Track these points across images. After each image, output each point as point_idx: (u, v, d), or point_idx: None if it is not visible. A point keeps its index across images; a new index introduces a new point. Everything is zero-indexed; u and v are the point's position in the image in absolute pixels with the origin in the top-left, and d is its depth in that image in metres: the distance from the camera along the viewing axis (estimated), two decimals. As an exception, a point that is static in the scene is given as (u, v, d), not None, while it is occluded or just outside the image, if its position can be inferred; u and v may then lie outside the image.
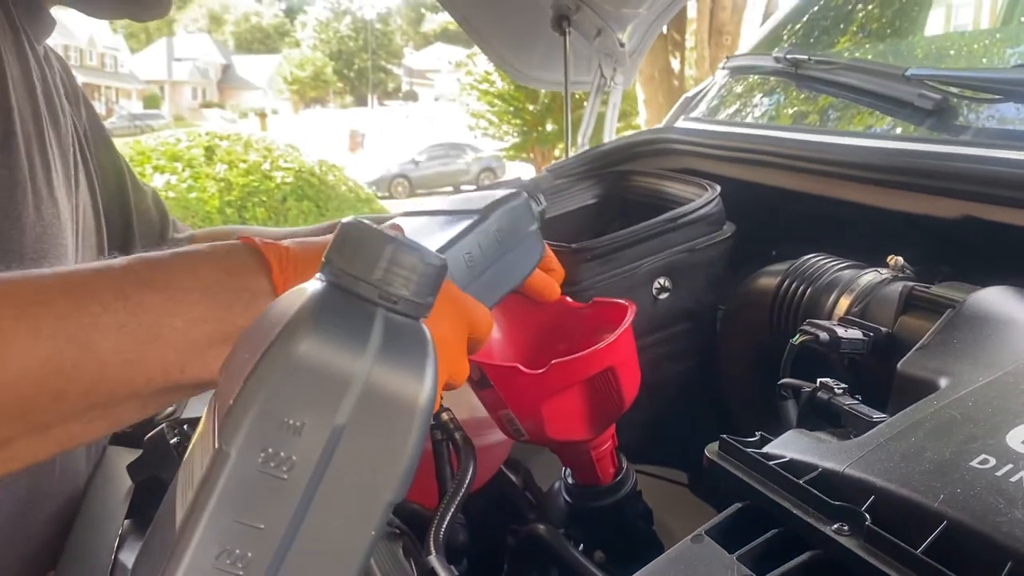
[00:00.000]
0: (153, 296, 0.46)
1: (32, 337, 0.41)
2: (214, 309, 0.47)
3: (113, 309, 0.44)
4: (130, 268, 0.47)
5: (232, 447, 0.31)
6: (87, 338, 0.43)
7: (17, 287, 0.43)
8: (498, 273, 0.61)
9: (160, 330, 0.45)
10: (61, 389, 0.42)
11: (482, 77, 15.57)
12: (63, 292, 0.44)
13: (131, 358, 0.44)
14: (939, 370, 0.60)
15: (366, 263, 0.33)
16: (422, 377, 0.33)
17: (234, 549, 0.31)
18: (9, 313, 0.41)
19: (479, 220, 0.61)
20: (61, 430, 0.44)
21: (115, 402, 0.45)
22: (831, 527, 0.49)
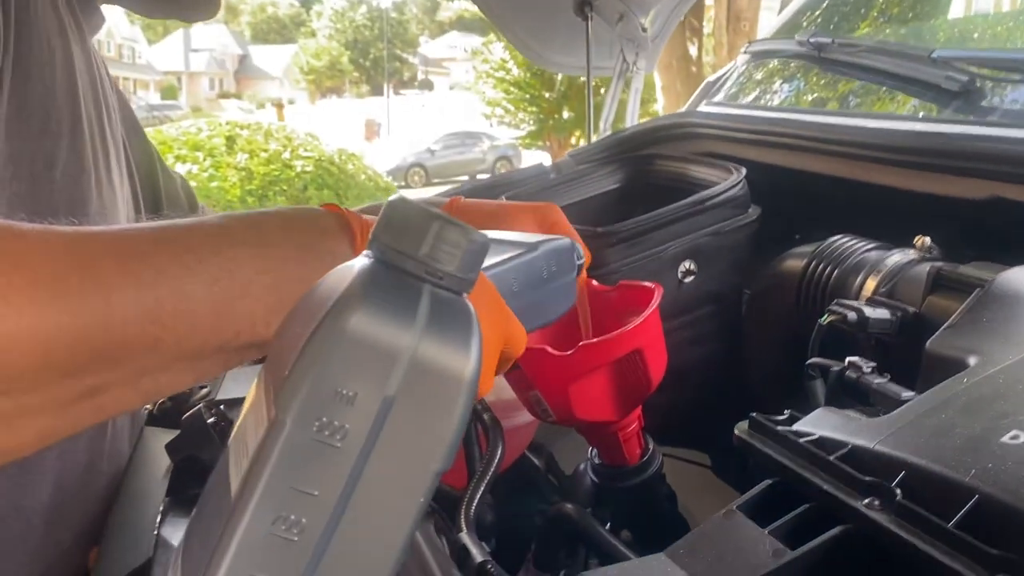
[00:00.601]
0: (245, 253, 0.47)
1: (134, 288, 0.42)
2: (301, 268, 0.48)
3: (208, 263, 0.45)
4: (223, 225, 0.48)
5: (288, 416, 0.32)
6: (183, 290, 0.44)
7: (118, 238, 0.44)
8: (534, 307, 0.63)
9: (250, 286, 0.46)
10: (157, 338, 0.43)
11: (498, 65, 15.54)
12: (161, 245, 0.45)
13: (222, 311, 0.45)
14: (968, 349, 0.61)
15: (413, 240, 0.34)
16: (468, 350, 0.34)
17: (289, 515, 0.33)
18: (113, 262, 0.42)
19: (528, 251, 0.63)
20: (150, 380, 0.45)
21: (203, 354, 0.46)
22: (862, 502, 0.49)
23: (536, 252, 0.64)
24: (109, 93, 0.80)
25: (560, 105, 14.92)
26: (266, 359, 0.39)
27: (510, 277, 0.62)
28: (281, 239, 0.49)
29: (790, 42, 1.21)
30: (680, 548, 0.52)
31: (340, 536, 0.33)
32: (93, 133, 0.71)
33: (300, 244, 0.49)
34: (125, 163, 0.84)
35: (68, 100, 0.68)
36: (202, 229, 0.47)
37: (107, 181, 0.73)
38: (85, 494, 0.71)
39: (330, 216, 0.52)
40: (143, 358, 0.43)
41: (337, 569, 0.33)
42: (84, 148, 0.69)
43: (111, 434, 0.75)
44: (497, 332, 0.55)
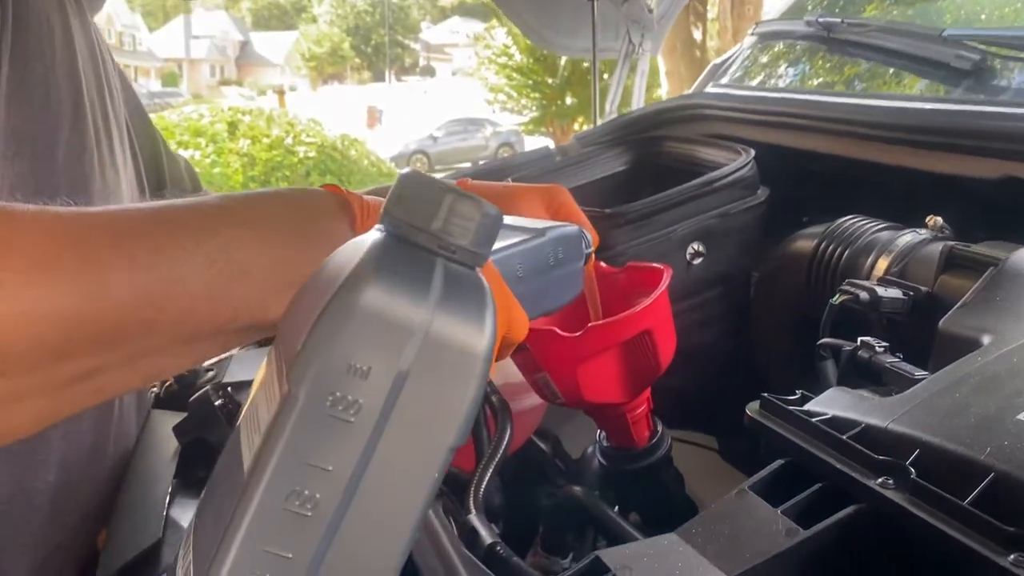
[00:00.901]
0: (243, 234, 0.46)
1: (129, 268, 0.42)
2: (300, 250, 0.48)
3: (205, 245, 0.44)
4: (221, 205, 0.48)
5: (301, 390, 0.32)
6: (179, 271, 0.43)
7: (114, 218, 0.44)
8: (538, 293, 0.62)
9: (248, 268, 0.46)
10: (152, 320, 0.43)
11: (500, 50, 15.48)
12: (157, 225, 0.44)
13: (219, 294, 0.45)
14: (982, 328, 0.60)
15: (425, 213, 0.34)
16: (483, 324, 0.34)
17: (303, 490, 0.32)
18: (107, 243, 0.42)
19: (534, 237, 0.62)
20: (147, 362, 0.45)
21: (200, 337, 0.46)
22: (876, 481, 0.49)
23: (543, 238, 0.63)
24: (111, 73, 0.80)
25: (563, 91, 14.87)
26: (277, 335, 0.39)
27: (515, 262, 0.61)
28: (280, 220, 0.48)
29: (798, 23, 1.20)
30: (692, 527, 0.52)
31: (354, 511, 0.33)
32: (95, 112, 0.71)
33: (299, 225, 0.49)
34: (128, 144, 0.83)
35: (69, 79, 0.68)
36: (200, 210, 0.47)
37: (110, 161, 0.72)
38: (91, 476, 0.71)
39: (330, 197, 0.51)
40: (140, 340, 0.43)
41: (351, 544, 0.33)
42: (86, 127, 0.68)
43: (117, 416, 0.74)
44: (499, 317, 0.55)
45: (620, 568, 0.47)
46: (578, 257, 0.67)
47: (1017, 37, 0.88)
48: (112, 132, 0.75)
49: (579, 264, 0.67)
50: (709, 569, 0.48)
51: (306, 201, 0.51)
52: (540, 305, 0.65)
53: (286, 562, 0.32)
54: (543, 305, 0.65)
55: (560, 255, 0.65)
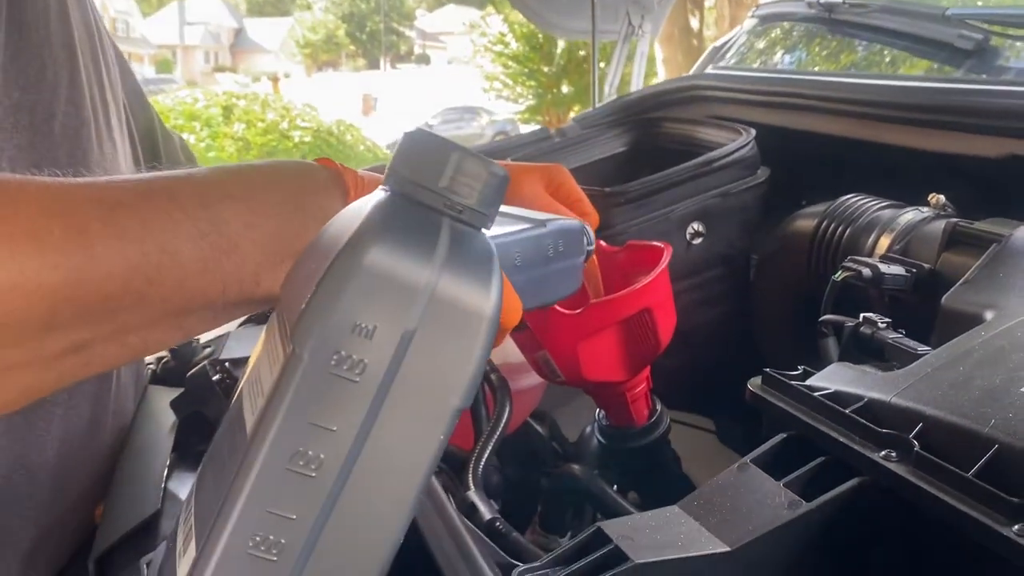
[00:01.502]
0: (235, 207, 0.46)
1: (119, 239, 0.41)
2: (292, 224, 0.47)
3: (196, 217, 0.44)
4: (213, 177, 0.47)
5: (305, 349, 0.31)
6: (169, 244, 0.43)
7: (104, 189, 0.43)
8: (535, 284, 0.62)
9: (239, 241, 0.45)
10: (143, 293, 0.42)
11: (496, 39, 15.41)
12: (147, 197, 0.44)
13: (210, 267, 0.44)
14: (985, 303, 0.60)
15: (432, 171, 0.33)
16: (489, 285, 0.33)
17: (307, 451, 0.32)
18: (96, 214, 0.41)
19: (535, 227, 0.62)
20: (137, 336, 0.44)
21: (190, 311, 0.45)
22: (879, 454, 0.49)
23: (544, 229, 0.62)
24: (108, 47, 0.79)
25: (559, 79, 14.81)
26: (279, 299, 0.38)
27: (514, 250, 0.61)
28: (272, 193, 0.48)
29: (799, 3, 1.20)
30: (694, 500, 0.52)
31: (359, 473, 0.32)
32: (91, 85, 0.70)
33: (291, 198, 0.48)
34: (125, 119, 0.82)
35: (65, 50, 0.67)
36: (190, 181, 0.46)
37: (107, 135, 0.72)
38: (90, 450, 0.70)
39: (323, 170, 0.51)
40: (128, 313, 0.42)
41: (355, 506, 0.33)
42: (83, 100, 0.68)
43: (115, 392, 0.74)
44: None
45: (621, 538, 0.47)
46: (579, 252, 0.66)
47: (1020, 16, 0.87)
48: (108, 105, 0.74)
49: (579, 259, 0.67)
50: (711, 540, 0.47)
51: (299, 174, 0.50)
52: (536, 297, 0.64)
53: (289, 523, 0.32)
54: (539, 297, 0.65)
55: (560, 248, 0.64)
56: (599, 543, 0.48)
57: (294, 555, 0.32)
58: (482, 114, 19.50)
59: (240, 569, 0.32)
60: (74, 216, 0.40)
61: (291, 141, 7.79)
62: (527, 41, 14.38)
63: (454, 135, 18.87)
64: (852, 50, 1.19)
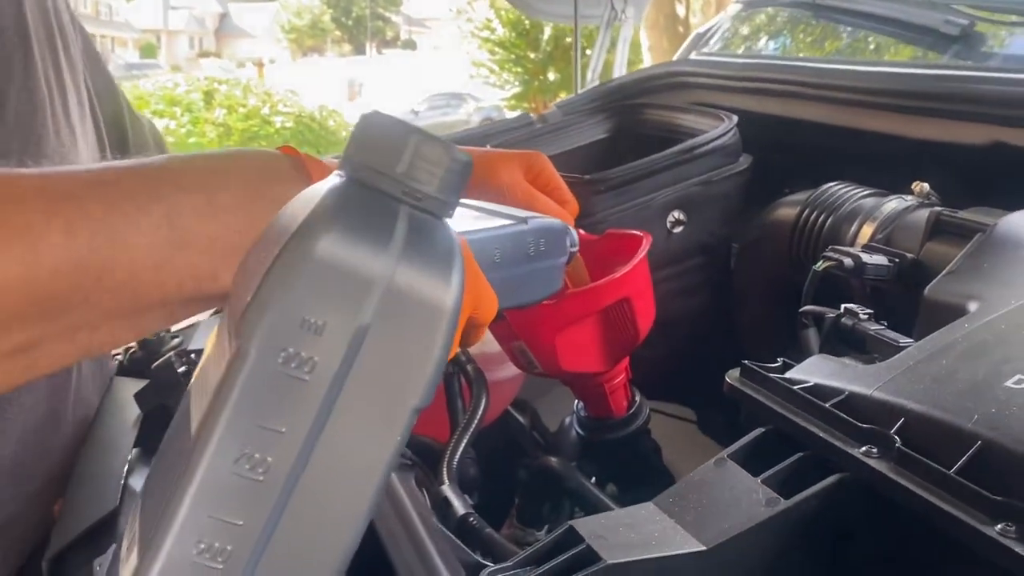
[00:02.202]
0: (189, 200, 0.43)
1: (64, 235, 0.39)
2: (250, 217, 0.45)
3: (147, 211, 0.42)
4: (166, 168, 0.45)
5: (251, 346, 0.29)
6: (120, 239, 0.41)
7: (48, 182, 0.41)
8: (514, 283, 0.60)
9: (194, 236, 0.43)
10: (91, 290, 0.40)
11: (483, 24, 15.34)
12: (96, 189, 0.42)
13: (163, 263, 0.42)
14: (968, 294, 0.59)
15: (389, 156, 0.31)
16: (449, 276, 0.31)
17: (253, 453, 0.30)
18: (41, 207, 0.39)
19: (516, 224, 0.60)
20: (87, 335, 0.42)
21: (144, 308, 0.43)
22: (859, 450, 0.47)
23: (525, 226, 0.61)
24: (66, 26, 0.76)
25: (545, 66, 14.78)
26: (229, 293, 0.36)
27: (493, 246, 0.59)
28: (229, 185, 0.46)
29: (784, -12, 1.18)
30: (669, 497, 0.50)
31: (309, 477, 0.31)
32: (47, 70, 0.68)
33: (250, 190, 0.46)
34: (88, 103, 0.80)
35: (17, 35, 0.64)
36: (143, 173, 0.44)
37: (65, 120, 0.69)
38: (49, 445, 0.68)
39: (285, 160, 0.48)
40: (77, 312, 0.40)
41: (306, 512, 0.31)
42: (37, 85, 0.65)
43: (75, 384, 0.72)
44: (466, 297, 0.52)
45: (594, 538, 0.45)
46: (560, 253, 0.65)
47: (1006, 1, 0.86)
48: (67, 90, 0.72)
49: (561, 260, 0.65)
50: (686, 539, 0.46)
51: (258, 164, 0.48)
52: (514, 296, 0.62)
53: (236, 529, 0.30)
54: (517, 296, 0.63)
55: (541, 247, 0.63)
56: (571, 542, 0.47)
57: (241, 563, 0.31)
58: (468, 100, 19.43)
59: (184, 578, 0.30)
60: (17, 209, 0.38)
61: (272, 126, 7.73)
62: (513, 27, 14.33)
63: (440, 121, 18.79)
64: (837, 37, 1.18)
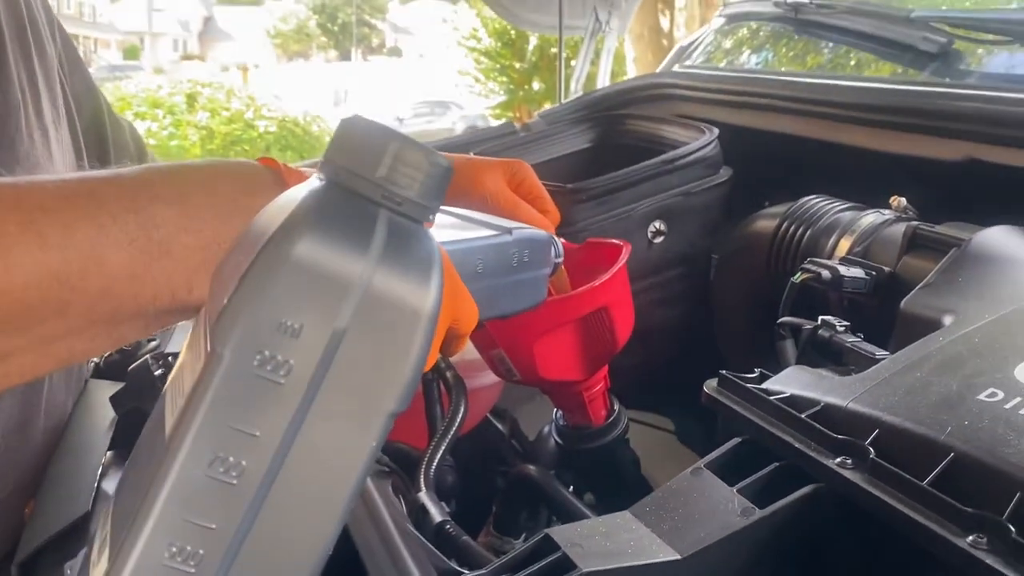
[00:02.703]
0: (165, 211, 0.43)
1: (38, 246, 0.39)
2: (227, 228, 0.44)
3: (123, 221, 0.41)
4: (143, 179, 0.44)
5: (226, 348, 0.29)
6: (94, 250, 0.40)
7: (22, 192, 0.40)
8: (497, 293, 0.60)
9: (171, 247, 0.43)
10: (66, 302, 0.40)
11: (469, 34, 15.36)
12: (70, 200, 0.41)
13: (139, 273, 0.42)
14: (943, 308, 0.59)
15: (368, 160, 0.31)
16: (427, 282, 0.31)
17: (227, 456, 0.30)
18: (14, 219, 0.39)
19: (502, 234, 0.60)
20: (63, 345, 0.42)
21: (120, 319, 0.43)
22: (834, 461, 0.48)
23: (509, 237, 0.61)
24: (42, 31, 0.75)
25: (531, 76, 14.80)
26: (207, 295, 0.36)
27: (475, 257, 0.59)
28: (206, 195, 0.45)
29: (766, 3, 1.19)
30: (646, 506, 0.50)
31: (283, 481, 0.30)
32: (19, 71, 0.67)
33: (228, 201, 0.45)
34: (64, 104, 0.79)
35: None
36: (118, 183, 0.44)
37: (37, 123, 0.68)
38: (21, 450, 0.67)
39: (264, 171, 0.48)
40: (52, 323, 0.40)
41: (279, 516, 0.31)
42: (10, 86, 0.65)
43: (47, 391, 0.71)
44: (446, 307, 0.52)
45: (570, 545, 0.45)
46: (545, 264, 0.65)
47: (984, 19, 0.88)
48: (40, 92, 0.71)
49: (545, 271, 0.65)
50: (662, 547, 0.46)
51: (237, 175, 0.47)
52: (496, 306, 0.62)
53: (208, 532, 0.30)
54: (499, 307, 0.63)
55: (525, 258, 0.63)
56: (547, 550, 0.47)
57: (213, 567, 0.30)
58: (453, 108, 19.42)
59: (155, 582, 0.30)
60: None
61: (256, 131, 7.69)
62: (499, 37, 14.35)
63: (425, 129, 18.78)
64: (818, 52, 1.19)
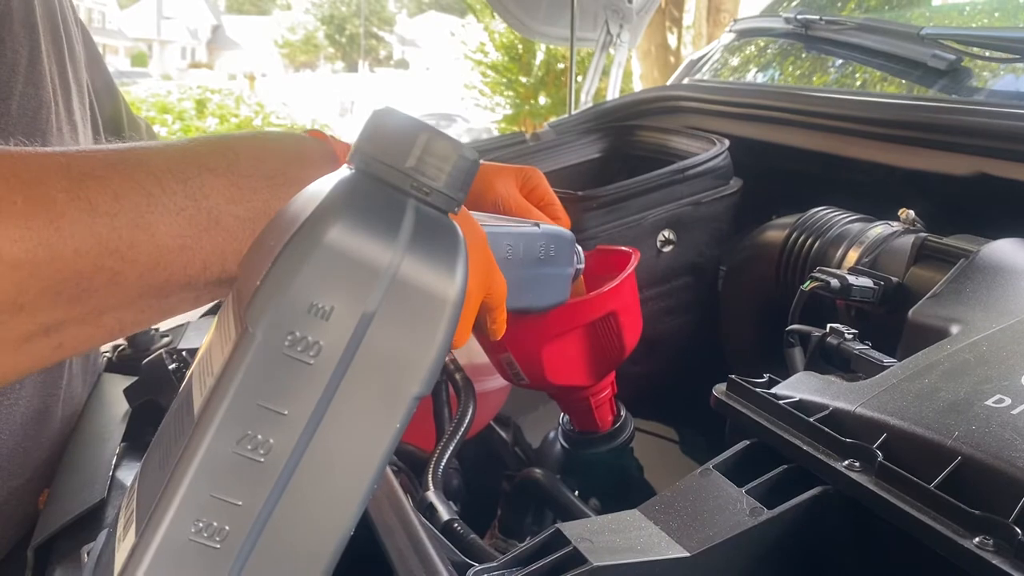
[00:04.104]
0: (214, 181, 0.43)
1: (88, 214, 0.39)
2: (276, 199, 0.45)
3: (172, 191, 0.42)
4: (191, 149, 0.45)
5: (258, 328, 0.30)
6: (143, 219, 0.40)
7: (72, 161, 0.41)
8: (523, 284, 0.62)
9: (220, 217, 0.43)
10: (117, 272, 0.40)
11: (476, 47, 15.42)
12: (118, 169, 0.41)
13: (188, 244, 0.42)
14: (951, 318, 0.60)
15: (399, 151, 0.32)
16: (453, 270, 0.32)
17: (256, 434, 0.30)
18: (63, 186, 0.39)
19: (532, 227, 0.63)
20: (113, 317, 0.42)
21: (170, 291, 0.43)
22: (842, 463, 0.48)
23: (537, 229, 0.63)
24: (72, 28, 0.77)
25: (536, 90, 14.85)
26: (237, 276, 0.37)
27: (505, 241, 0.61)
28: (255, 166, 0.45)
29: (776, 19, 1.20)
30: (655, 504, 0.51)
31: (309, 460, 0.31)
32: (52, 66, 0.68)
33: (277, 172, 0.46)
34: (88, 103, 0.80)
35: (24, 28, 0.65)
36: (167, 153, 0.44)
37: (67, 117, 0.70)
38: (38, 439, 0.68)
39: (312, 143, 0.49)
40: (103, 293, 0.40)
41: (304, 495, 0.31)
42: (43, 80, 0.66)
43: (66, 380, 0.72)
44: (480, 279, 0.53)
45: (580, 540, 0.46)
46: (568, 262, 0.66)
47: (994, 38, 0.88)
48: (71, 88, 0.72)
49: (568, 270, 0.67)
50: (671, 545, 0.47)
51: (285, 147, 0.48)
52: (522, 298, 0.64)
53: (234, 509, 0.31)
54: (525, 298, 0.64)
55: (552, 252, 0.64)
56: (557, 544, 0.47)
57: (238, 543, 0.31)
58: (458, 121, 19.47)
59: (181, 556, 0.31)
60: (39, 186, 0.38)
61: (264, 139, 7.73)
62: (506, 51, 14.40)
63: (430, 142, 18.75)
64: (824, 72, 1.20)
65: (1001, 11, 1.30)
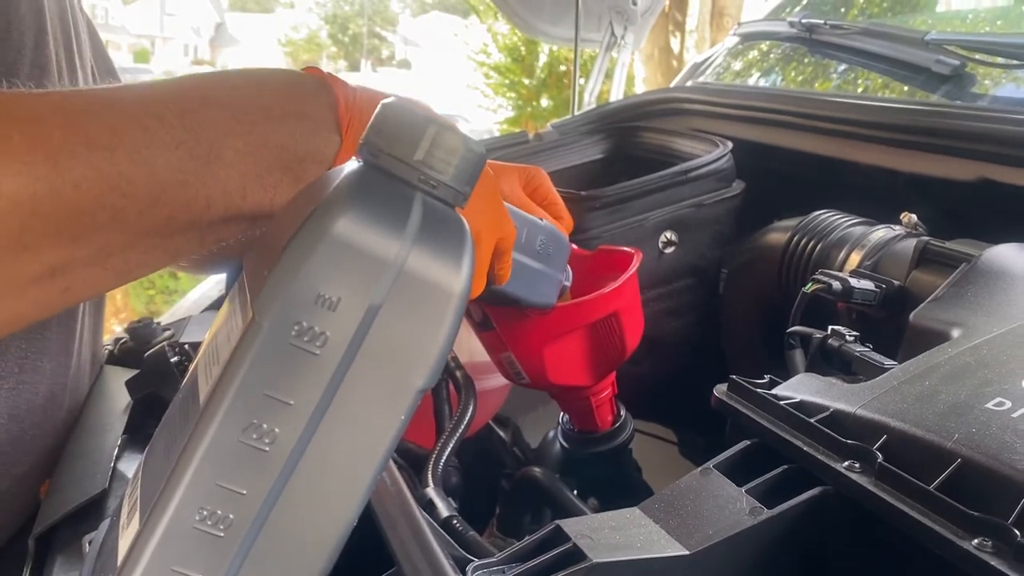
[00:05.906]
0: (213, 114, 0.43)
1: (86, 148, 0.38)
2: (276, 133, 0.44)
3: (169, 125, 0.41)
4: (190, 83, 0.45)
5: (265, 318, 0.30)
6: (142, 153, 0.40)
7: (67, 99, 0.40)
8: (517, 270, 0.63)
9: (221, 150, 0.42)
10: (119, 208, 0.39)
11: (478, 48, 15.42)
12: (115, 105, 0.41)
13: (190, 179, 0.41)
14: (952, 321, 0.60)
15: (407, 144, 0.32)
16: (459, 264, 0.32)
17: (261, 423, 0.31)
18: (59, 123, 0.38)
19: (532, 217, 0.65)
20: (119, 258, 0.42)
21: (174, 229, 0.43)
22: (842, 464, 0.48)
23: (539, 223, 0.64)
24: (79, 18, 0.77)
25: (539, 92, 14.85)
26: (244, 265, 0.37)
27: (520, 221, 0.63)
28: (253, 99, 0.45)
29: (780, 23, 1.20)
30: (655, 503, 0.51)
31: (314, 450, 0.31)
32: (58, 49, 0.68)
33: (277, 105, 0.45)
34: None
35: (32, 11, 0.65)
36: (164, 88, 0.44)
37: None
38: (43, 427, 0.68)
39: (309, 79, 0.48)
40: (105, 231, 0.40)
41: (309, 484, 0.32)
42: (49, 64, 0.66)
43: (75, 368, 0.72)
44: (493, 220, 0.54)
45: (580, 537, 0.46)
46: (560, 267, 0.68)
47: (998, 44, 0.89)
48: (76, 73, 0.72)
49: (559, 276, 0.68)
50: (670, 543, 0.47)
51: (285, 81, 0.48)
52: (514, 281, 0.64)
53: (239, 498, 0.31)
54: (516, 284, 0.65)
55: (549, 251, 0.65)
56: (557, 541, 0.47)
57: (242, 532, 0.31)
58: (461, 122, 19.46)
59: (185, 544, 0.31)
60: (35, 123, 0.38)
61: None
62: (509, 52, 14.40)
63: (431, 142, 18.77)
64: (826, 77, 1.20)
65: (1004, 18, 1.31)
